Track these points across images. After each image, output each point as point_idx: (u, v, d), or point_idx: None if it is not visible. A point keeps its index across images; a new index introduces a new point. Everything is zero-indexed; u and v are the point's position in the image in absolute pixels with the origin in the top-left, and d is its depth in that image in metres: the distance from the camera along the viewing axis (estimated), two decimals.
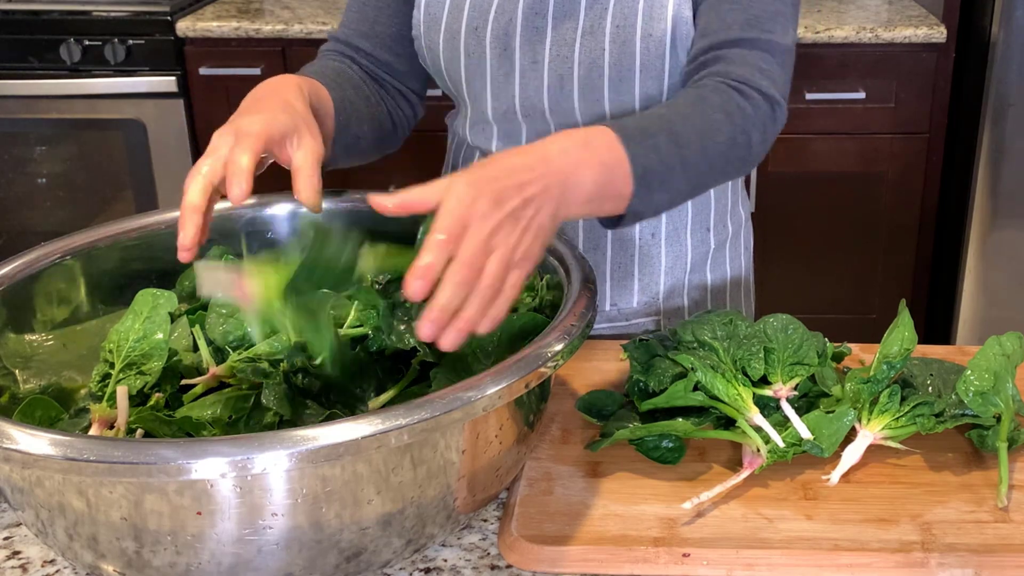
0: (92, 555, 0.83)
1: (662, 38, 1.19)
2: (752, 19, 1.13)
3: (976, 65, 2.61)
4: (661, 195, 1.03)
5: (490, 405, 0.82)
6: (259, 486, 0.77)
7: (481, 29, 1.24)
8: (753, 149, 1.11)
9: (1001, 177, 2.64)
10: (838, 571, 0.90)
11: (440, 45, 1.27)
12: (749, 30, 1.13)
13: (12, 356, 1.01)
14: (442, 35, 1.26)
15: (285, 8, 2.84)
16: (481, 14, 1.24)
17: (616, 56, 1.20)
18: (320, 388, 0.96)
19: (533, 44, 1.23)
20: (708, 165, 1.06)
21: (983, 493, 0.98)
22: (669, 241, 1.33)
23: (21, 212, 2.90)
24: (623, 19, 1.19)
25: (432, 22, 1.27)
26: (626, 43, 1.20)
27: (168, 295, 1.05)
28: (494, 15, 1.23)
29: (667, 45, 1.19)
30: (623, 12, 1.19)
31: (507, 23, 1.23)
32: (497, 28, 1.23)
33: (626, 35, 1.19)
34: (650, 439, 1.02)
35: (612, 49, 1.20)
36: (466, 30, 1.24)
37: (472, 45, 1.25)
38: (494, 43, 1.24)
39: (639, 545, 0.91)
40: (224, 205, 1.16)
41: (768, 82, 1.12)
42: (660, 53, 1.20)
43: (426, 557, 0.92)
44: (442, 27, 1.26)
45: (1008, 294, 2.74)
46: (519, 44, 1.23)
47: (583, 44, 1.21)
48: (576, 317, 0.92)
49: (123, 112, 2.75)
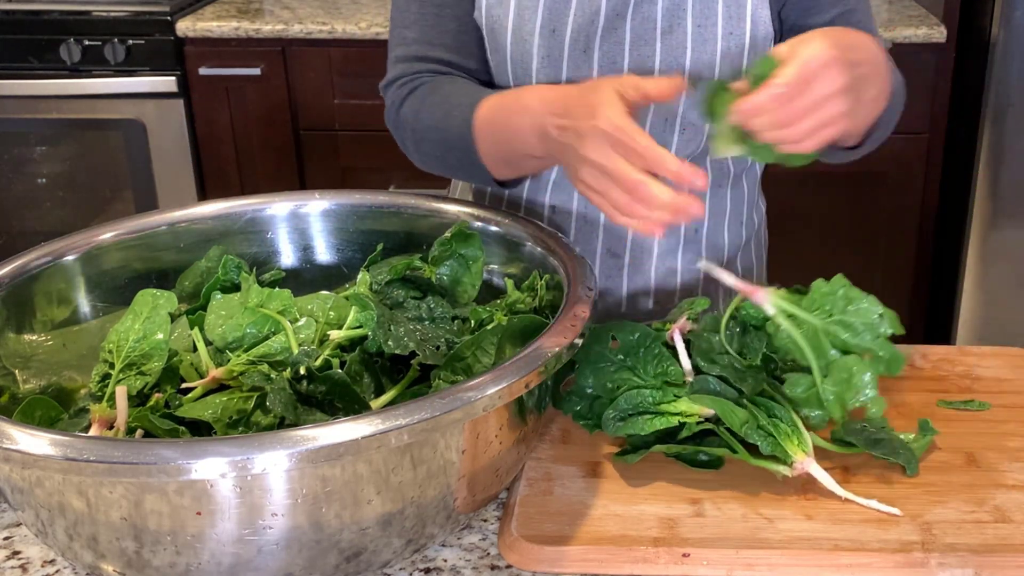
0: (92, 555, 0.83)
1: (742, 37, 1.20)
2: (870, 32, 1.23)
3: (976, 65, 2.61)
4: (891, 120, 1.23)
5: (490, 405, 0.82)
6: (259, 486, 0.77)
7: (560, 31, 1.22)
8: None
9: (1001, 177, 2.64)
10: (838, 571, 0.90)
11: (507, 48, 1.24)
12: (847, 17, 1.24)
13: (12, 356, 1.01)
14: (509, 37, 1.24)
15: (285, 8, 2.84)
16: (558, 16, 1.22)
17: (697, 55, 1.21)
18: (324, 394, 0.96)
19: (613, 46, 1.22)
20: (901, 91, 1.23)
21: (983, 493, 0.98)
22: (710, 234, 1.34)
23: (21, 212, 2.89)
24: (704, 19, 1.20)
25: (495, 24, 1.24)
26: (707, 42, 1.20)
27: (168, 295, 1.05)
28: (573, 16, 1.22)
29: (746, 45, 1.21)
30: (703, 12, 1.20)
31: (588, 24, 1.22)
32: (576, 30, 1.22)
33: (707, 34, 1.20)
34: (686, 454, 1.02)
35: (694, 48, 1.21)
36: (540, 32, 1.22)
37: (548, 47, 1.22)
38: (573, 45, 1.22)
39: (639, 545, 0.91)
40: (224, 205, 1.17)
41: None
42: (740, 52, 1.21)
43: (426, 557, 0.92)
44: (508, 29, 1.23)
45: (1008, 294, 2.74)
46: (599, 45, 1.22)
47: (664, 44, 1.21)
48: (576, 317, 0.92)
49: (123, 112, 2.75)
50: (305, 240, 1.19)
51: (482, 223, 1.13)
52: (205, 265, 1.14)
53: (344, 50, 2.68)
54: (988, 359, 1.20)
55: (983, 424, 1.09)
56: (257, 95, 2.74)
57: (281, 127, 2.76)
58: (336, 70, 2.71)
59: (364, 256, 1.15)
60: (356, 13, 2.76)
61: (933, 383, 1.16)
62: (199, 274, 1.14)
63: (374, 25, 2.64)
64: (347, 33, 2.65)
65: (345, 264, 1.19)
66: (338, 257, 1.20)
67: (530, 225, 1.11)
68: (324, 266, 1.20)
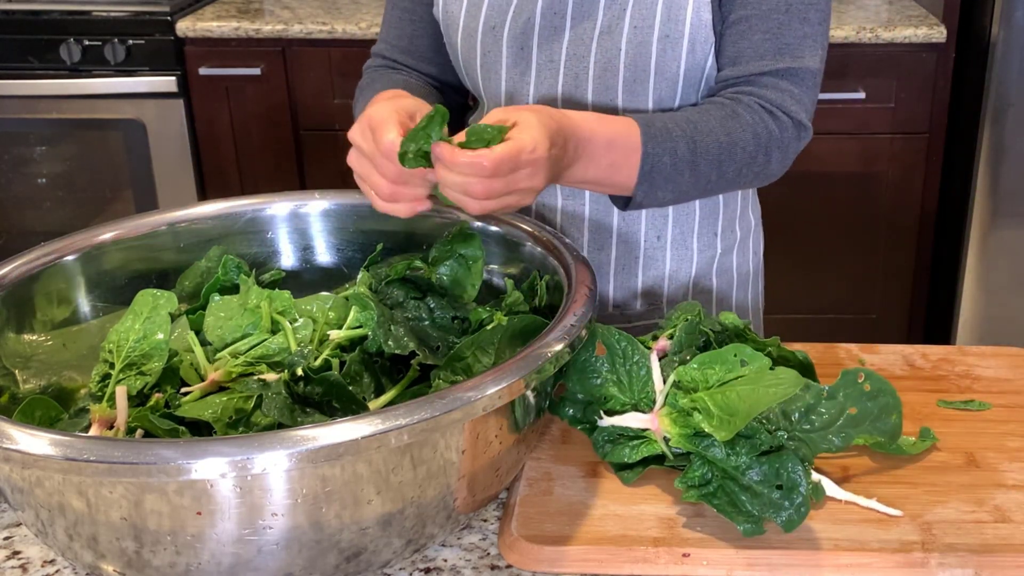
0: (92, 555, 0.83)
1: (679, 40, 1.19)
2: (783, 47, 1.18)
3: (976, 65, 2.61)
4: (665, 192, 1.13)
5: (490, 405, 0.82)
6: (259, 486, 0.77)
7: (499, 28, 1.24)
8: (771, 167, 1.19)
9: (1001, 177, 2.64)
10: (838, 571, 0.90)
11: (458, 44, 1.28)
12: (780, 60, 1.18)
13: (12, 356, 1.01)
14: (460, 33, 1.27)
15: (285, 8, 2.84)
16: (499, 13, 1.24)
17: (632, 57, 1.20)
18: (321, 395, 0.96)
19: (551, 43, 1.23)
20: (719, 175, 1.15)
21: (983, 493, 0.98)
22: (675, 245, 1.33)
23: (21, 212, 2.90)
24: (641, 20, 1.19)
25: (450, 20, 1.27)
26: (643, 44, 1.20)
27: (168, 295, 1.05)
28: (512, 14, 1.23)
29: (684, 48, 1.19)
30: (641, 13, 1.19)
31: (525, 22, 1.23)
32: (515, 27, 1.23)
33: (643, 36, 1.19)
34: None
35: (628, 49, 1.20)
36: (483, 29, 1.25)
37: (489, 43, 1.25)
38: (511, 42, 1.24)
39: (639, 545, 0.91)
40: (224, 205, 1.17)
41: (798, 107, 1.18)
42: (676, 55, 1.20)
43: (426, 557, 0.92)
44: (460, 26, 1.26)
45: (1008, 294, 2.74)
46: (536, 43, 1.23)
47: (600, 43, 1.21)
48: (575, 317, 0.92)
49: (123, 112, 2.75)
50: (305, 240, 1.19)
51: (482, 223, 1.13)
52: (205, 265, 1.14)
53: (344, 50, 2.68)
54: (988, 359, 1.20)
55: (983, 424, 1.09)
56: (257, 95, 2.74)
57: (281, 127, 2.76)
58: (336, 70, 2.71)
59: (364, 256, 1.16)
60: (356, 13, 2.76)
61: (933, 383, 1.16)
62: (199, 274, 1.14)
63: (374, 25, 2.64)
64: (347, 33, 2.65)
65: (345, 264, 1.19)
66: (338, 257, 1.20)
67: (530, 225, 1.11)
68: (324, 266, 1.20)
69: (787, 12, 1.17)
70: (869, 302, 2.86)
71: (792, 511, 0.90)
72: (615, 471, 1.00)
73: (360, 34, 2.65)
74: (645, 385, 1.00)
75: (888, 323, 2.88)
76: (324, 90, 2.72)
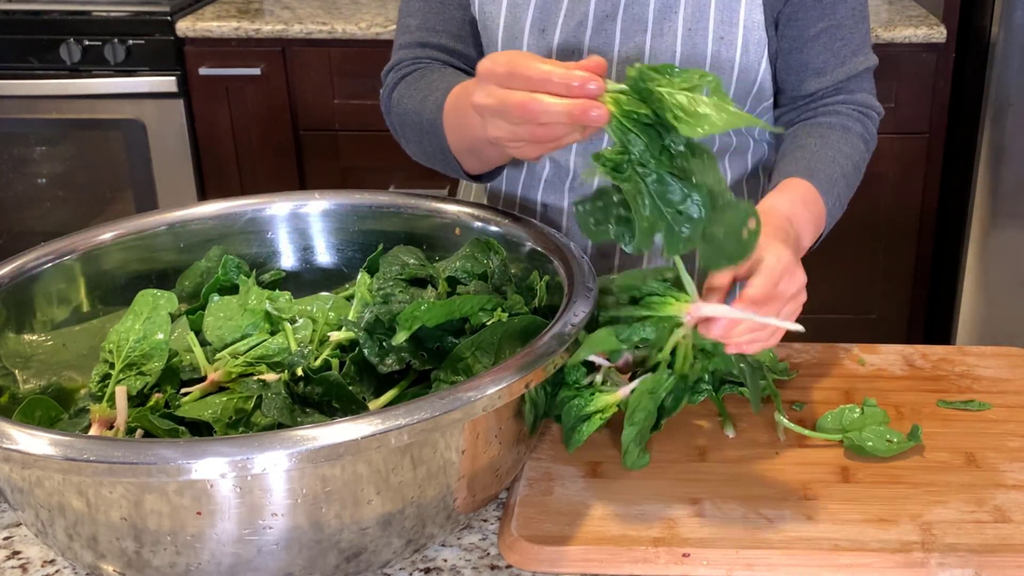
0: (92, 555, 0.83)
1: (733, 41, 1.19)
2: (856, 50, 1.26)
3: (976, 65, 2.61)
4: (828, 229, 1.23)
5: (490, 405, 0.82)
6: (259, 486, 0.77)
7: (549, 30, 1.22)
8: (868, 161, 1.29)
9: (1001, 177, 2.64)
10: (838, 571, 0.90)
11: (499, 44, 1.24)
12: (857, 62, 1.26)
13: (12, 356, 1.01)
14: (500, 34, 1.24)
15: (285, 8, 2.84)
16: (548, 14, 1.22)
17: (686, 59, 1.20)
18: (320, 395, 0.96)
19: (602, 46, 1.22)
20: (848, 193, 1.26)
21: (983, 493, 0.98)
22: None
23: (21, 212, 2.89)
24: (695, 22, 1.19)
25: (489, 20, 1.24)
26: (696, 45, 1.20)
27: (168, 295, 1.05)
28: (564, 16, 1.22)
29: (738, 48, 1.20)
30: (694, 15, 1.19)
31: (577, 25, 1.22)
32: (567, 29, 1.22)
33: (698, 38, 1.19)
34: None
35: (683, 51, 1.20)
36: (530, 30, 1.22)
37: (537, 45, 1.22)
38: (563, 44, 1.22)
39: (639, 545, 0.91)
40: (224, 205, 1.17)
41: (875, 100, 1.29)
42: (731, 56, 1.20)
43: (426, 557, 0.92)
44: (500, 26, 1.24)
45: (1008, 294, 2.74)
46: (588, 46, 1.22)
47: (653, 46, 1.21)
48: (576, 317, 0.92)
49: (123, 112, 2.75)
50: (305, 240, 1.19)
51: (482, 223, 1.13)
52: (205, 265, 1.14)
53: (344, 50, 2.68)
54: (988, 359, 1.20)
55: (983, 424, 1.09)
56: (257, 95, 2.74)
57: (281, 127, 2.76)
58: (336, 70, 2.71)
59: (364, 256, 1.15)
60: (356, 13, 2.76)
61: (933, 383, 1.16)
62: (199, 274, 1.14)
63: (374, 25, 2.64)
64: (347, 33, 2.65)
65: (345, 264, 1.19)
66: (338, 257, 1.20)
67: (530, 225, 1.11)
68: (324, 266, 1.20)
69: (852, 16, 1.24)
70: (869, 302, 2.86)
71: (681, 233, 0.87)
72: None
73: (360, 34, 2.65)
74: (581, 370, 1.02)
75: (888, 323, 2.88)
76: (324, 90, 2.72)
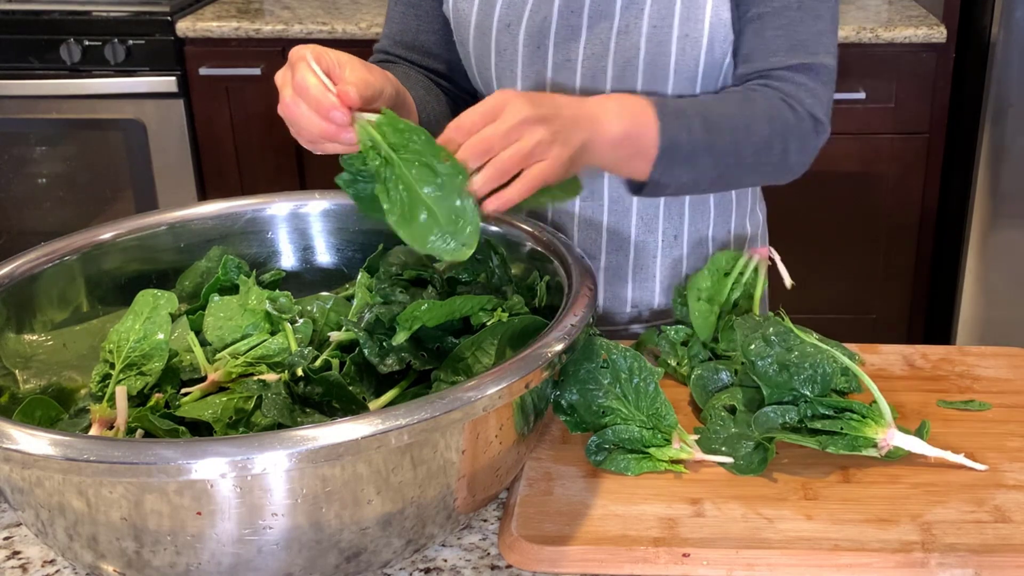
0: (92, 555, 0.83)
1: (699, 39, 1.19)
2: (797, 44, 1.17)
3: (976, 65, 2.61)
4: (684, 172, 1.09)
5: (490, 405, 0.82)
6: (259, 486, 0.77)
7: (515, 26, 1.23)
8: (790, 158, 1.17)
9: (1001, 177, 2.64)
10: (838, 571, 0.90)
11: (470, 42, 1.26)
12: (795, 55, 1.17)
13: (12, 356, 1.01)
14: (472, 31, 1.26)
15: (285, 8, 2.84)
16: (515, 11, 1.23)
17: (651, 56, 1.20)
18: (322, 395, 0.96)
19: (568, 42, 1.22)
20: (737, 159, 1.12)
21: (983, 493, 0.98)
22: (665, 244, 1.33)
23: (21, 212, 2.90)
24: (660, 19, 1.19)
25: (461, 17, 1.26)
26: (662, 43, 1.19)
27: (168, 295, 1.05)
28: (529, 12, 1.22)
29: (703, 47, 1.19)
30: (660, 12, 1.19)
31: (542, 20, 1.22)
32: (532, 25, 1.23)
33: (662, 35, 1.19)
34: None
35: (648, 48, 1.20)
36: (498, 27, 1.24)
37: (504, 42, 1.24)
38: (527, 40, 1.23)
39: (639, 545, 0.91)
40: (224, 205, 1.17)
41: (813, 101, 1.17)
42: (696, 55, 1.20)
43: (426, 557, 0.92)
44: (471, 23, 1.25)
45: (1008, 294, 2.74)
46: (553, 42, 1.23)
47: (618, 43, 1.21)
48: (576, 317, 0.92)
49: (123, 112, 2.76)
50: (305, 240, 1.19)
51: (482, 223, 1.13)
52: (205, 265, 1.14)
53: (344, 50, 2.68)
54: (988, 359, 1.20)
55: (983, 424, 1.09)
56: (257, 95, 2.74)
57: (281, 127, 2.73)
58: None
59: (364, 256, 1.15)
60: (356, 13, 2.76)
61: (933, 383, 1.16)
62: (199, 274, 1.14)
63: (374, 25, 2.64)
64: (347, 33, 2.65)
65: (345, 264, 1.19)
66: (338, 257, 1.20)
67: (530, 225, 1.11)
68: (324, 266, 1.20)
69: (799, 9, 1.17)
70: (869, 302, 2.86)
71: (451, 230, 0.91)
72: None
73: (360, 34, 2.65)
74: (654, 402, 1.01)
75: (888, 323, 2.88)
76: None
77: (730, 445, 1.01)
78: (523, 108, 0.94)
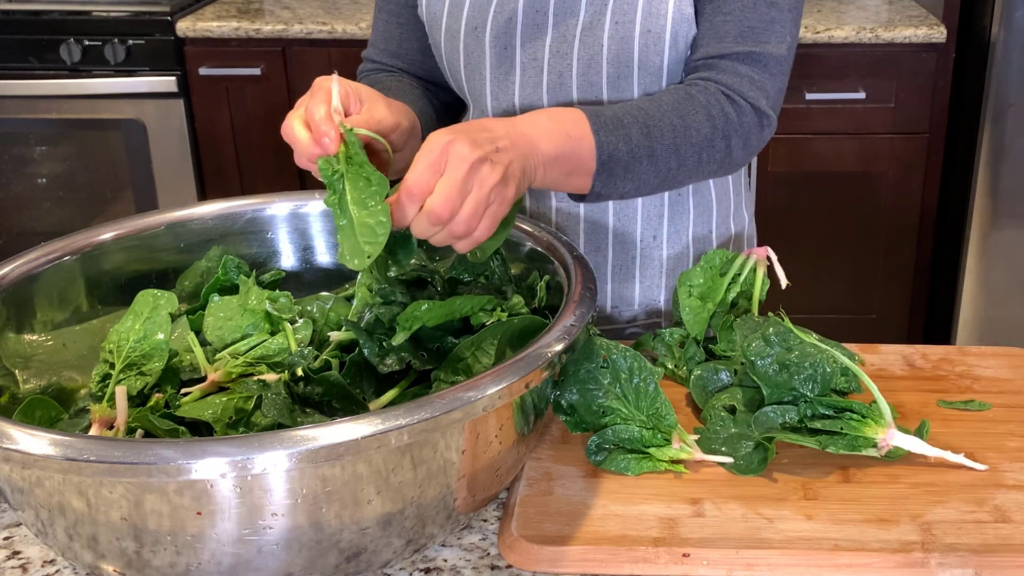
0: (92, 555, 0.83)
1: (661, 34, 1.19)
2: (746, 31, 1.15)
3: (976, 65, 2.61)
4: (626, 183, 1.09)
5: (490, 405, 0.82)
6: (259, 486, 0.77)
7: (481, 28, 1.24)
8: (733, 154, 1.15)
9: (1001, 177, 2.64)
10: (838, 571, 0.90)
11: (442, 45, 1.28)
12: (742, 43, 1.15)
13: (12, 356, 1.01)
14: (443, 35, 1.27)
15: (285, 8, 2.84)
16: (480, 13, 1.24)
17: (615, 52, 1.20)
18: (322, 395, 0.96)
19: (533, 41, 1.23)
20: (679, 162, 1.11)
21: (983, 493, 0.98)
22: (671, 243, 1.33)
23: (21, 212, 2.90)
24: (623, 15, 1.19)
25: (433, 21, 1.28)
26: (624, 39, 1.19)
27: (168, 295, 1.05)
28: (493, 14, 1.23)
29: (666, 42, 1.19)
30: (623, 8, 1.19)
31: (507, 21, 1.23)
32: (497, 27, 1.23)
33: (625, 31, 1.19)
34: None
35: (611, 45, 1.20)
36: (465, 29, 1.25)
37: (472, 44, 1.25)
38: (494, 42, 1.24)
39: (639, 545, 0.91)
40: (224, 205, 1.17)
41: (758, 93, 1.14)
42: (659, 50, 1.19)
43: (426, 557, 0.92)
44: (442, 27, 1.27)
45: (1008, 294, 2.74)
46: (519, 42, 1.23)
47: (583, 40, 1.21)
48: (576, 317, 0.92)
49: (123, 112, 2.76)
50: (305, 240, 1.19)
51: None
52: (205, 265, 1.14)
53: (344, 50, 2.68)
54: (988, 359, 1.20)
55: (983, 424, 1.09)
56: (257, 95, 2.74)
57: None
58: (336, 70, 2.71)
59: None
60: (356, 13, 2.76)
61: (933, 383, 1.16)
62: (199, 274, 1.14)
63: None
64: (347, 33, 2.65)
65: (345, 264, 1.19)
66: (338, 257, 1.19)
67: (530, 225, 1.11)
68: (324, 266, 1.20)
69: None
70: (869, 302, 2.86)
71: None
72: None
73: (360, 34, 2.65)
74: (654, 402, 1.01)
75: (888, 323, 2.88)
76: None
77: (730, 445, 1.01)
78: (465, 151, 0.90)
